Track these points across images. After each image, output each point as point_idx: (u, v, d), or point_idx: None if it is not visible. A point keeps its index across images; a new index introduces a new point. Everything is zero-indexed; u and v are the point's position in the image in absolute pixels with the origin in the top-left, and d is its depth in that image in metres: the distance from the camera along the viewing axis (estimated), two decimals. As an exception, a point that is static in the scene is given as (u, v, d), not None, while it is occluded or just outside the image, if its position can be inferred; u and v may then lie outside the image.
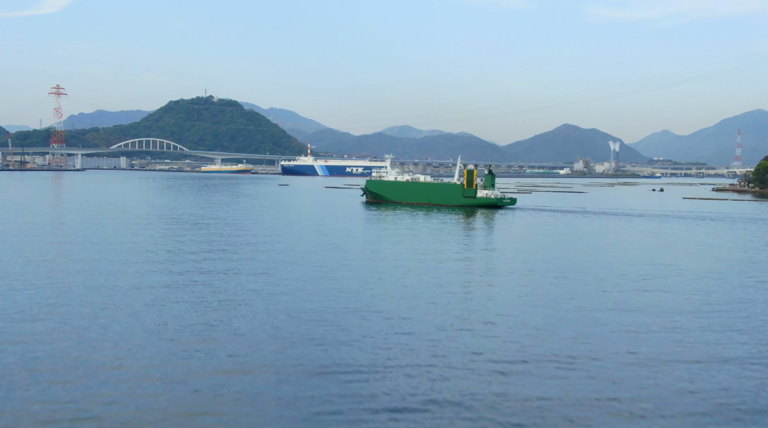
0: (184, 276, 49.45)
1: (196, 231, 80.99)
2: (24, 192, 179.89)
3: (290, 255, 61.40)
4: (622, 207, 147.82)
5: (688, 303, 43.49)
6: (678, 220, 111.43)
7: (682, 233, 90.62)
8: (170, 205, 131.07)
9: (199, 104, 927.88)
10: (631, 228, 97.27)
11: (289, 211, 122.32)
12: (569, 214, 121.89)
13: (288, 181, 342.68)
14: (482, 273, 54.53)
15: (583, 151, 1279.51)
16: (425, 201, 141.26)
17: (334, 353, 31.22)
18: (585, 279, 51.53)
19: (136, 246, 65.48)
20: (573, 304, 42.36)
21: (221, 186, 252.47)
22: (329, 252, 63.95)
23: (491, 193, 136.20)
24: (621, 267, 57.75)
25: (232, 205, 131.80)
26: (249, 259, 58.08)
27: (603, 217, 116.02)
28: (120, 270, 51.38)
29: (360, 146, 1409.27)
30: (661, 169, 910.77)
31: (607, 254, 66.84)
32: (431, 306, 40.90)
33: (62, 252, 60.31)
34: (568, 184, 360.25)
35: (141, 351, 31.19)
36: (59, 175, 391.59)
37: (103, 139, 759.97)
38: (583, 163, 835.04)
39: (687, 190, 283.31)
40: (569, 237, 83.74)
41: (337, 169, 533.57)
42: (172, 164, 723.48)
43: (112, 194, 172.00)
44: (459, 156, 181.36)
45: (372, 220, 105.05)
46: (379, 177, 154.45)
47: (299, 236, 77.92)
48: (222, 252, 62.58)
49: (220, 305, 40.12)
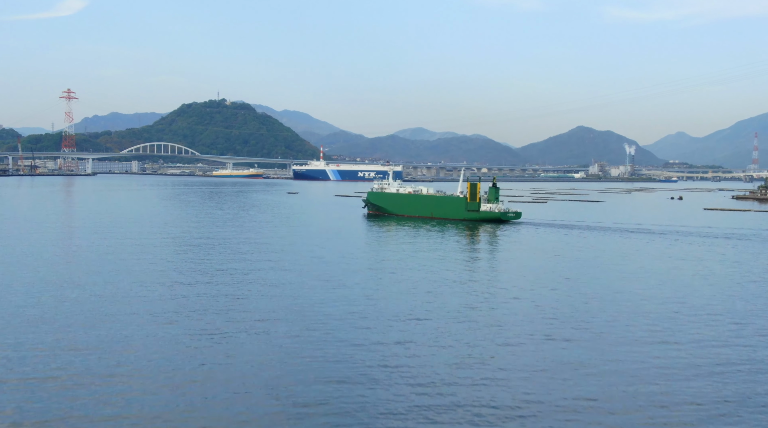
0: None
1: (189, 255, 75.98)
2: (26, 201, 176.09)
3: (276, 293, 56.18)
4: (641, 220, 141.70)
5: (735, 369, 37.76)
6: (704, 239, 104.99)
7: (711, 256, 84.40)
8: (170, 221, 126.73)
9: (212, 107, 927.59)
10: (654, 250, 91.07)
11: (291, 228, 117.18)
12: (580, 231, 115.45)
13: (298, 188, 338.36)
14: (474, 326, 49.07)
15: (598, 154, 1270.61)
16: (427, 214, 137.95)
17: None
18: (597, 335, 45.76)
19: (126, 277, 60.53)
20: (583, 373, 36.77)
21: (229, 194, 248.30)
22: (320, 291, 58.65)
23: (495, 207, 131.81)
24: (645, 314, 51.17)
25: (230, 223, 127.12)
26: (214, 299, 52.91)
27: (620, 235, 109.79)
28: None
29: (373, 149, 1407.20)
30: (677, 172, 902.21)
31: (627, 294, 60.36)
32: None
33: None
34: (583, 191, 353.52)
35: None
36: (69, 181, 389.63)
37: (116, 142, 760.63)
38: (598, 166, 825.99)
39: (707, 198, 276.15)
40: (578, 263, 77.36)
41: (349, 174, 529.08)
42: (184, 168, 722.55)
43: (113, 208, 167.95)
44: (462, 169, 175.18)
45: (371, 243, 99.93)
46: (380, 188, 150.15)
47: (291, 264, 72.62)
48: (201, 283, 57.46)
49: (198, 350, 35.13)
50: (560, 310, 51.07)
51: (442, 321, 46.78)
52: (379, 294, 55.94)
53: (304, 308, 49.78)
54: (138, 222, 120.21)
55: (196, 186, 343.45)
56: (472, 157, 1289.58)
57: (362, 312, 48.81)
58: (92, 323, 44.25)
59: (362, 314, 48.34)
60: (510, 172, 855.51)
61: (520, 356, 39.12)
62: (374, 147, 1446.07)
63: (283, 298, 53.27)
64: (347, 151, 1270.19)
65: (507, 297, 56.12)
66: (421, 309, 50.25)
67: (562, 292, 58.59)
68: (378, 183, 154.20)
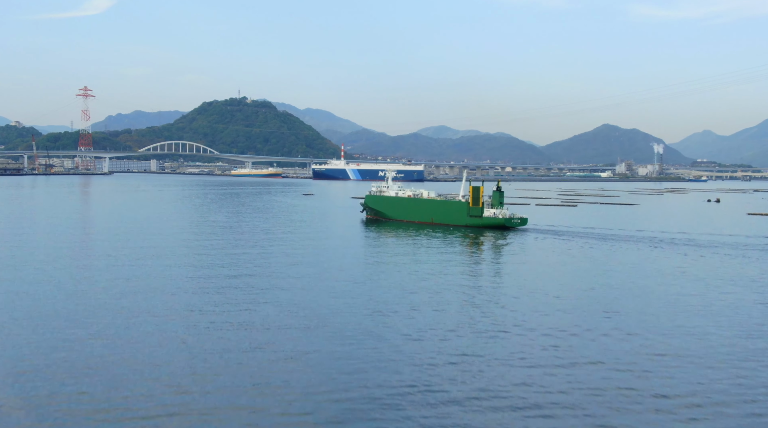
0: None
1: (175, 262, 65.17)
2: (26, 206, 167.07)
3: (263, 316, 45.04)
4: (681, 226, 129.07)
5: None
6: (761, 254, 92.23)
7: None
8: (171, 231, 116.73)
9: (233, 106, 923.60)
10: (707, 269, 78.35)
11: (292, 235, 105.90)
12: (613, 243, 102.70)
13: (316, 189, 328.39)
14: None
15: (624, 152, 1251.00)
16: (428, 219, 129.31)
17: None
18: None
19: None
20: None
21: (241, 196, 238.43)
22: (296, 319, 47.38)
23: (499, 212, 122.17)
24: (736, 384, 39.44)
25: (222, 234, 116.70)
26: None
27: (663, 248, 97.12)
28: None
29: (395, 147, 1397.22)
30: (705, 171, 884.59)
31: (691, 342, 48.48)
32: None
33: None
34: (613, 192, 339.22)
35: None
36: (84, 181, 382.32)
37: (136, 140, 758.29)
38: (626, 165, 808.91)
39: (746, 200, 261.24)
40: (605, 292, 65.20)
41: (370, 173, 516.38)
42: (203, 167, 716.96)
43: (116, 218, 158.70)
44: (465, 171, 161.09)
45: (370, 257, 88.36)
46: (379, 192, 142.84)
47: (282, 279, 61.37)
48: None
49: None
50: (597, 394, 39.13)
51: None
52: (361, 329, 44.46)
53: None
54: (119, 239, 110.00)
55: (209, 186, 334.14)
56: (496, 155, 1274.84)
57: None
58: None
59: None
60: (535, 171, 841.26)
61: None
62: (396, 145, 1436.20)
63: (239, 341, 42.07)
64: (369, 149, 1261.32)
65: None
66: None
67: (591, 344, 46.46)
68: (376, 185, 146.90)
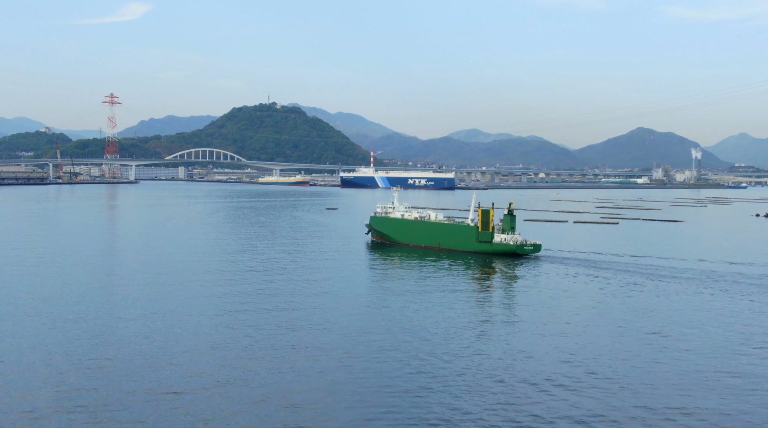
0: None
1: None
2: (28, 228, 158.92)
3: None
4: (731, 253, 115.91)
5: None
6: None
7: None
8: (181, 262, 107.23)
9: (262, 111, 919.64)
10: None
11: (291, 278, 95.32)
12: (624, 275, 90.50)
13: (343, 200, 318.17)
14: None
15: (659, 156, 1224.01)
16: (434, 244, 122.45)
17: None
18: None
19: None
20: None
21: (261, 211, 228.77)
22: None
23: (511, 238, 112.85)
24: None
25: (221, 264, 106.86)
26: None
27: (707, 283, 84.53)
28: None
29: (426, 151, 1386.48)
30: (744, 176, 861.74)
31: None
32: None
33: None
34: (653, 202, 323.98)
35: None
36: (110, 191, 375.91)
37: (165, 147, 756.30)
38: (663, 171, 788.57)
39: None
40: (644, 365, 53.35)
41: (399, 181, 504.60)
42: (231, 174, 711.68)
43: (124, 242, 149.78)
44: (474, 193, 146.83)
45: (373, 292, 77.23)
46: (384, 213, 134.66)
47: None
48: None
49: None
50: None
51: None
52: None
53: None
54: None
55: (233, 198, 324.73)
56: (528, 159, 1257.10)
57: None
58: None
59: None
60: (569, 176, 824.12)
61: None
62: (428, 149, 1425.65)
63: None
64: (400, 153, 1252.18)
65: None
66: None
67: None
68: (381, 206, 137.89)
